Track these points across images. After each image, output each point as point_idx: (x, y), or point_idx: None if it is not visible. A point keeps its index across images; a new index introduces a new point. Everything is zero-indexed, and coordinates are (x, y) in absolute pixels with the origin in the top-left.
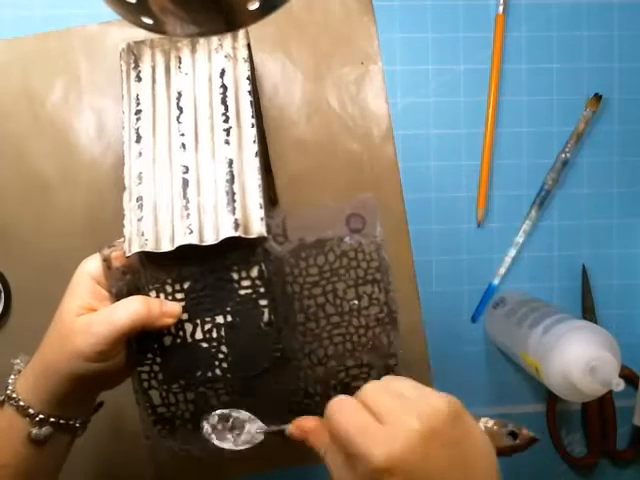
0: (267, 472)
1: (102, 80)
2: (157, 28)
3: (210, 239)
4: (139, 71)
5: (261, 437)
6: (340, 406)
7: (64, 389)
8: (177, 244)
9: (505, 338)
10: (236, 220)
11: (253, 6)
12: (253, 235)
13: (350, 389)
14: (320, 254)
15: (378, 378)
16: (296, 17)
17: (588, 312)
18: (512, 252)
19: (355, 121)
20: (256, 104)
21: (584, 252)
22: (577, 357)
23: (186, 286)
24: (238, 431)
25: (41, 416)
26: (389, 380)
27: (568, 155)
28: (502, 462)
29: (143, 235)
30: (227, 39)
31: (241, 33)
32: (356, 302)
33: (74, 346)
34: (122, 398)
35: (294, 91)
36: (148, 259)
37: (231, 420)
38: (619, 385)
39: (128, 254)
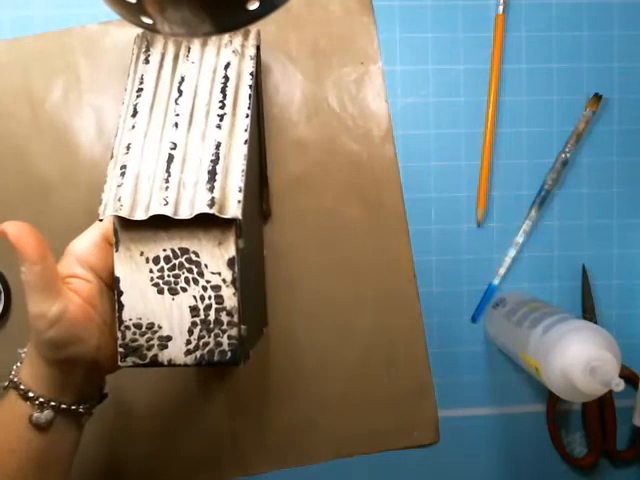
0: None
1: (102, 80)
2: (157, 28)
3: (184, 214)
4: (148, 55)
5: None
6: None
7: (52, 364)
8: (151, 213)
9: (505, 338)
10: (212, 198)
11: (253, 6)
12: (228, 216)
13: None
14: None
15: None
16: (296, 17)
17: (588, 312)
18: (512, 252)
19: (355, 121)
20: (259, 110)
21: (584, 252)
22: (577, 357)
23: (155, 262)
24: None
25: (41, 399)
26: None
27: (568, 155)
28: (502, 460)
29: (119, 201)
30: (238, 37)
31: (252, 34)
32: None
33: None
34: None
35: (294, 91)
36: (121, 227)
37: None
38: (619, 385)
39: (101, 217)
